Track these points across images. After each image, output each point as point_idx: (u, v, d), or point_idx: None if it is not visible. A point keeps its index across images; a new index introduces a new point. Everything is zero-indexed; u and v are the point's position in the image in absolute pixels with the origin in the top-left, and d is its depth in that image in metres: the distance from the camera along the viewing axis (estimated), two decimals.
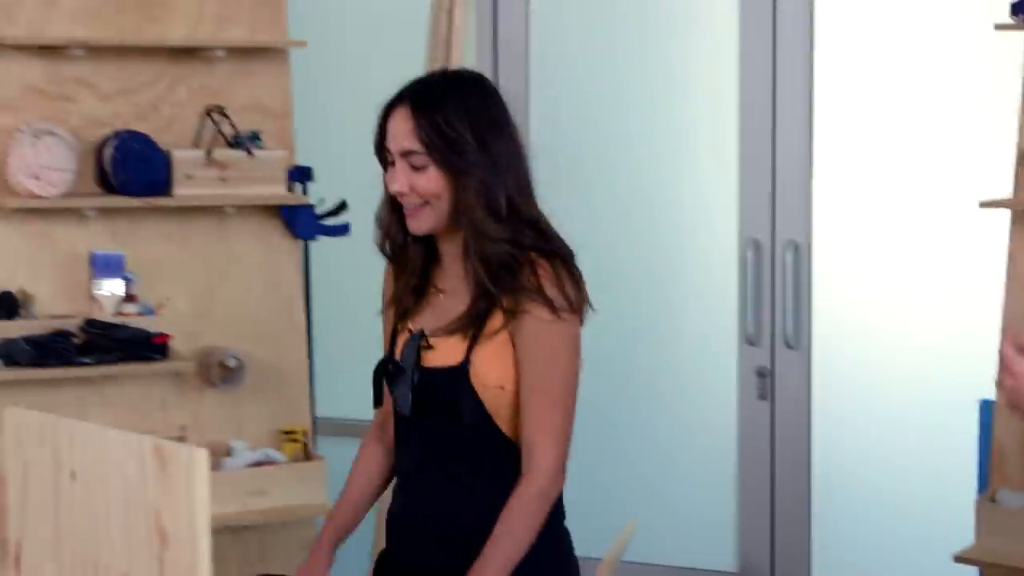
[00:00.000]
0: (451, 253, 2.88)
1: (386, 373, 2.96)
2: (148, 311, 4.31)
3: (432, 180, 2.79)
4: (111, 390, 4.25)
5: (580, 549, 5.04)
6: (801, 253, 4.74)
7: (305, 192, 4.55)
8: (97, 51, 4.27)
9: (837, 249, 4.75)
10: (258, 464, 4.39)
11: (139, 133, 4.26)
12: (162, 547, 2.34)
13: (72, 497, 2.54)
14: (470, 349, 2.79)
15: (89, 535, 2.52)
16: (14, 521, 2.70)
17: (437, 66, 5.04)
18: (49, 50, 4.24)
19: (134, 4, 4.35)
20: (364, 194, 4.84)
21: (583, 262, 5.13)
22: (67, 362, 4.06)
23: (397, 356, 2.90)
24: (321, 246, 4.90)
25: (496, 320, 2.79)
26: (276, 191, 4.42)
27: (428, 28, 5.10)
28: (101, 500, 2.47)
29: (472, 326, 2.80)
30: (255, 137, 4.40)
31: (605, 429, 5.09)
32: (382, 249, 2.99)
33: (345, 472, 5.08)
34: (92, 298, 4.26)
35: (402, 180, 2.81)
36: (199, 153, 4.30)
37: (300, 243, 4.59)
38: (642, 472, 5.05)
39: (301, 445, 4.48)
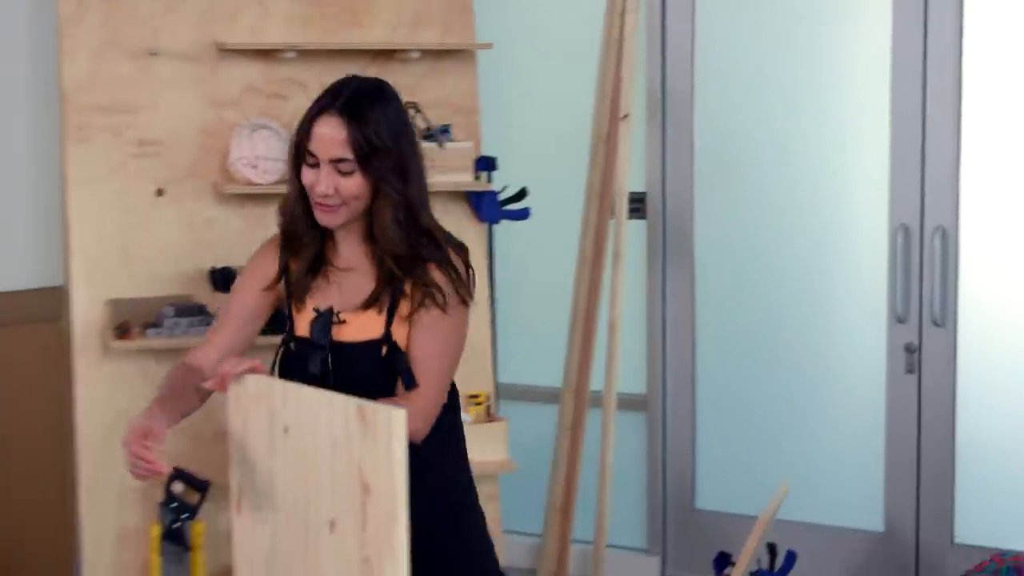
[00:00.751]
0: (349, 238, 2.94)
1: (287, 351, 2.99)
2: None
3: (356, 185, 2.83)
4: None
5: (740, 508, 5.11)
6: (949, 237, 4.69)
7: (490, 180, 4.58)
8: (306, 54, 4.37)
9: (983, 234, 4.69)
10: None
11: None
12: (364, 497, 2.43)
13: (286, 450, 2.64)
14: (388, 324, 2.88)
15: (300, 484, 2.62)
16: (236, 471, 2.82)
17: (610, 66, 5.06)
18: (265, 54, 4.35)
19: (339, 11, 4.45)
20: (543, 182, 4.94)
21: (749, 247, 5.17)
22: (276, 330, 4.14)
23: (301, 333, 2.96)
24: (503, 228, 4.96)
25: (404, 308, 2.89)
26: (464, 179, 4.46)
27: (602, 31, 5.13)
28: (311, 454, 2.56)
29: (387, 304, 2.89)
30: (446, 130, 4.45)
31: (765, 399, 5.10)
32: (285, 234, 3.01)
33: (524, 432, 5.17)
34: None
35: (328, 183, 2.82)
36: None
37: (485, 226, 4.64)
38: (798, 438, 5.04)
39: (484, 407, 4.52)
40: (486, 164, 4.55)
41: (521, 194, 4.64)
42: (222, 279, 4.23)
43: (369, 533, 2.43)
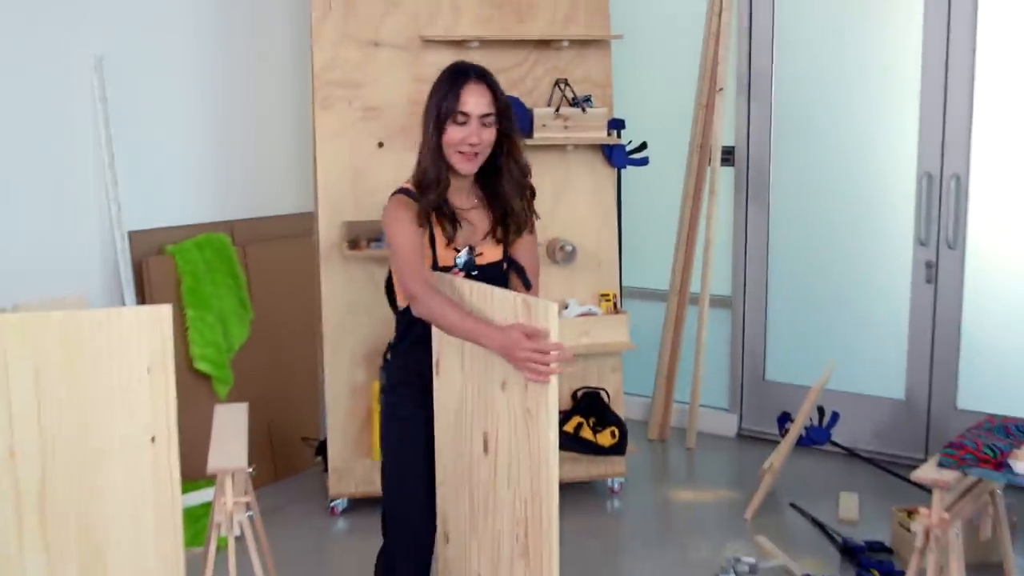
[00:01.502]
0: (467, 185, 2.79)
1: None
2: None
3: (492, 135, 2.71)
4: None
5: (798, 379, 5.10)
6: (961, 182, 4.59)
7: (619, 135, 4.55)
8: (486, 43, 4.32)
9: (987, 179, 4.58)
10: (584, 315, 4.42)
11: (513, 96, 4.29)
12: None
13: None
14: (505, 248, 2.82)
15: (480, 354, 2.63)
16: (437, 342, 2.83)
17: (710, 51, 5.01)
18: (456, 43, 4.31)
19: (510, 11, 4.38)
20: (659, 138, 4.93)
21: (811, 187, 5.11)
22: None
23: (444, 263, 2.75)
24: (628, 172, 4.96)
25: (512, 234, 2.81)
26: (600, 135, 4.42)
27: (704, 24, 5.08)
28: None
29: (503, 238, 2.81)
30: (588, 99, 4.41)
31: (820, 300, 5.06)
32: (429, 187, 2.73)
33: (641, 322, 5.20)
34: None
35: (479, 134, 2.68)
36: (550, 110, 4.34)
37: (614, 170, 4.60)
38: (843, 329, 5.00)
39: (612, 303, 4.51)
40: (616, 124, 4.53)
41: (642, 147, 4.62)
42: None
43: (529, 391, 2.46)
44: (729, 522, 4.30)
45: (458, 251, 2.76)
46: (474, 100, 2.69)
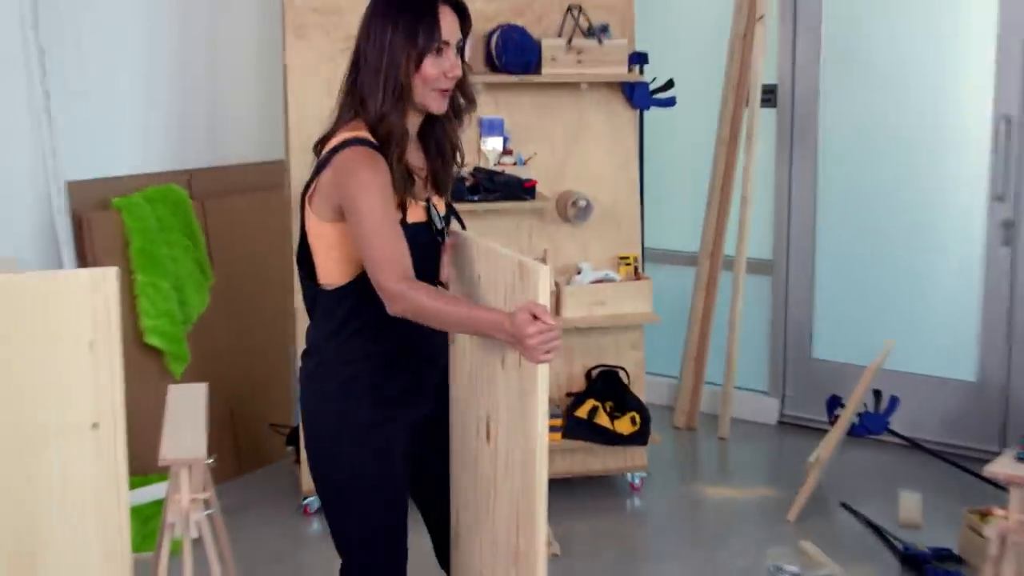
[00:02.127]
0: (412, 133, 2.65)
1: (422, 238, 2.63)
2: (520, 162, 4.40)
3: (460, 64, 2.60)
4: (492, 220, 4.36)
5: (851, 358, 5.09)
6: None
7: (642, 72, 4.54)
8: None
9: None
10: (599, 281, 4.44)
11: (517, 26, 4.32)
12: None
13: (475, 292, 2.63)
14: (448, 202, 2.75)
15: None
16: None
17: None
18: None
19: None
20: (688, 75, 4.89)
21: (867, 134, 5.11)
22: (461, 199, 4.16)
23: (414, 219, 2.59)
24: (653, 114, 4.94)
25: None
26: (619, 71, 4.42)
27: None
28: (492, 296, 2.56)
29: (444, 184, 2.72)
30: (605, 28, 4.41)
31: (877, 265, 5.06)
32: (396, 141, 2.57)
33: (666, 290, 5.20)
34: (480, 151, 4.37)
35: (458, 65, 2.57)
36: (562, 41, 4.34)
37: (636, 112, 4.60)
38: (904, 299, 4.99)
39: (632, 268, 4.53)
40: (639, 59, 4.51)
41: (668, 85, 4.61)
42: None
43: (524, 370, 2.43)
44: (769, 524, 4.30)
45: (427, 208, 2.63)
46: (449, 24, 2.57)
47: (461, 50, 2.62)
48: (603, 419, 4.37)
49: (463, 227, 2.76)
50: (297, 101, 4.23)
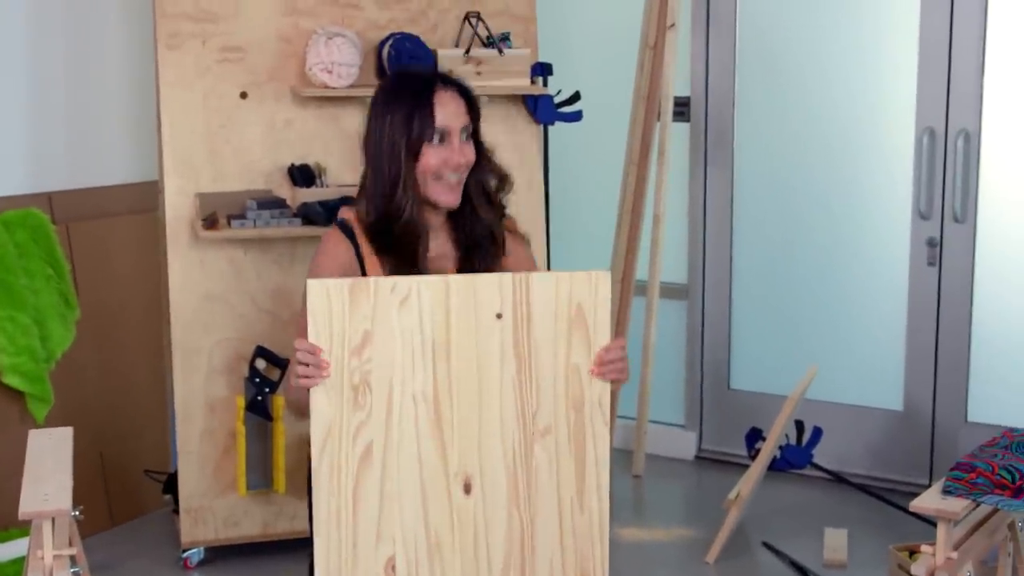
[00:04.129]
0: (436, 225, 2.77)
1: None
2: None
3: (472, 151, 2.69)
4: None
5: (771, 388, 5.13)
6: (971, 140, 4.66)
7: (545, 84, 4.56)
8: None
9: (1004, 137, 4.65)
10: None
11: (411, 35, 4.30)
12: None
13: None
14: None
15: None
16: None
17: None
18: None
19: None
20: (595, 87, 4.92)
21: (784, 149, 5.16)
22: None
23: None
24: (557, 129, 4.95)
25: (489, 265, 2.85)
26: (521, 83, 4.44)
27: None
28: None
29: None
30: (505, 37, 4.41)
31: (797, 289, 5.11)
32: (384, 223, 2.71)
33: None
34: None
35: (467, 152, 2.66)
36: (459, 52, 4.33)
37: (540, 127, 4.60)
38: (826, 325, 5.05)
39: None
40: (542, 70, 4.53)
41: (574, 98, 4.63)
42: (300, 175, 4.26)
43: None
44: (687, 567, 4.31)
45: None
46: (450, 110, 2.66)
47: (475, 134, 2.67)
48: None
49: None
50: (171, 117, 4.19)
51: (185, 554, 4.28)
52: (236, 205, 4.19)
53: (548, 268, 4.69)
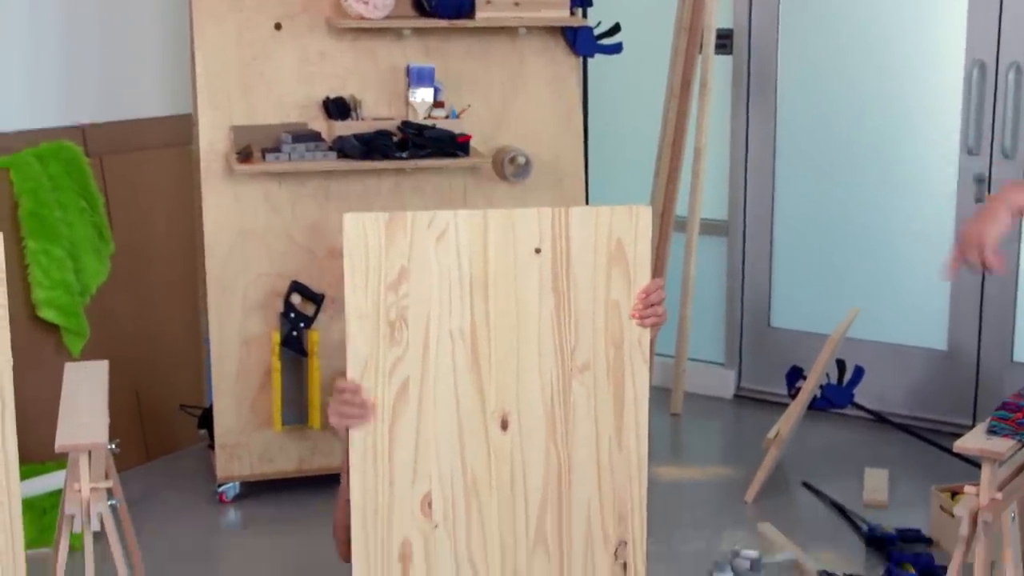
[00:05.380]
0: None
1: None
2: (453, 115, 4.37)
3: None
4: (422, 180, 4.36)
5: (812, 326, 5.09)
6: (1022, 73, 4.59)
7: (585, 15, 4.52)
8: None
9: None
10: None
11: None
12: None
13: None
14: None
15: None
16: None
17: None
18: None
19: None
20: (635, 18, 4.88)
21: (829, 82, 5.09)
22: (388, 156, 4.16)
23: None
24: (597, 62, 4.92)
25: None
26: (560, 14, 4.40)
27: None
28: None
29: None
30: None
31: (840, 225, 5.08)
32: None
33: None
34: (408, 103, 4.34)
35: None
36: None
37: (579, 60, 4.59)
38: (869, 262, 5.03)
39: None
40: (581, 1, 4.49)
41: (614, 29, 4.59)
42: (335, 108, 4.25)
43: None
44: (725, 506, 4.33)
45: None
46: None
47: None
48: None
49: None
50: (205, 49, 4.19)
51: (221, 488, 4.32)
52: (270, 138, 4.20)
53: (587, 203, 4.68)
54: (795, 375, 4.61)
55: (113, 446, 2.96)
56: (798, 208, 5.18)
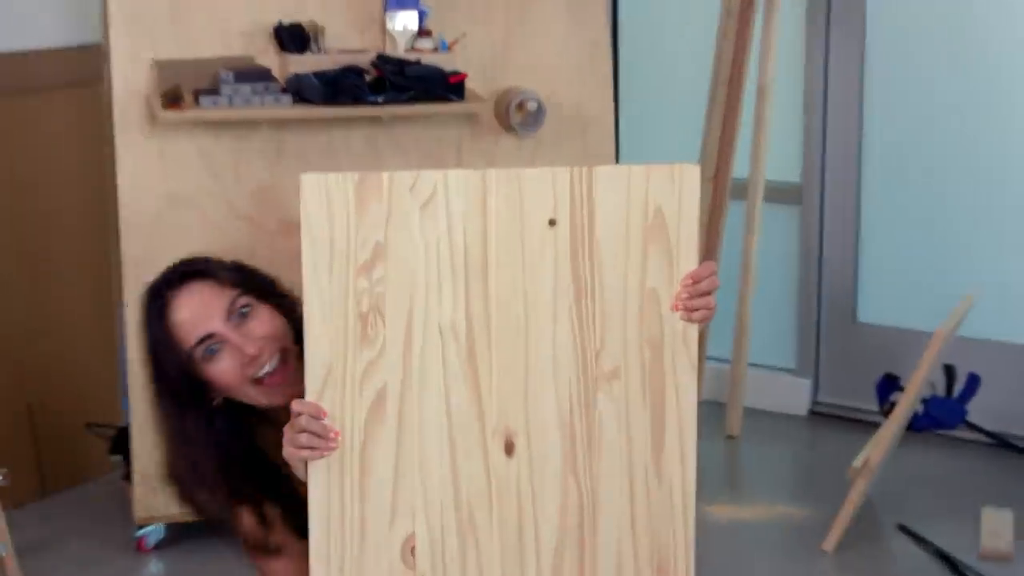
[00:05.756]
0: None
1: None
2: (443, 47, 4.37)
3: (269, 319, 2.71)
4: (403, 131, 4.37)
5: (911, 322, 5.10)
6: None
7: None
8: None
9: None
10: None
11: None
12: None
13: None
14: None
15: None
16: None
17: None
18: None
19: None
20: None
21: (937, 10, 5.09)
22: (358, 100, 4.15)
23: None
24: None
25: None
26: None
27: None
28: None
29: None
30: None
31: (946, 192, 5.10)
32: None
33: None
34: (385, 32, 4.34)
35: (248, 339, 2.67)
36: None
37: None
38: (984, 241, 5.05)
39: None
40: None
41: None
42: (290, 38, 4.26)
43: None
44: (797, 556, 4.35)
45: None
46: (194, 309, 2.69)
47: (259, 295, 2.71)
48: None
49: None
50: None
51: (140, 533, 4.34)
52: (206, 77, 4.20)
53: (616, 162, 4.69)
54: (889, 386, 4.62)
55: (0, 477, 2.98)
56: (892, 169, 5.19)
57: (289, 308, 2.74)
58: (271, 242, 4.28)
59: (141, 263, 4.24)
